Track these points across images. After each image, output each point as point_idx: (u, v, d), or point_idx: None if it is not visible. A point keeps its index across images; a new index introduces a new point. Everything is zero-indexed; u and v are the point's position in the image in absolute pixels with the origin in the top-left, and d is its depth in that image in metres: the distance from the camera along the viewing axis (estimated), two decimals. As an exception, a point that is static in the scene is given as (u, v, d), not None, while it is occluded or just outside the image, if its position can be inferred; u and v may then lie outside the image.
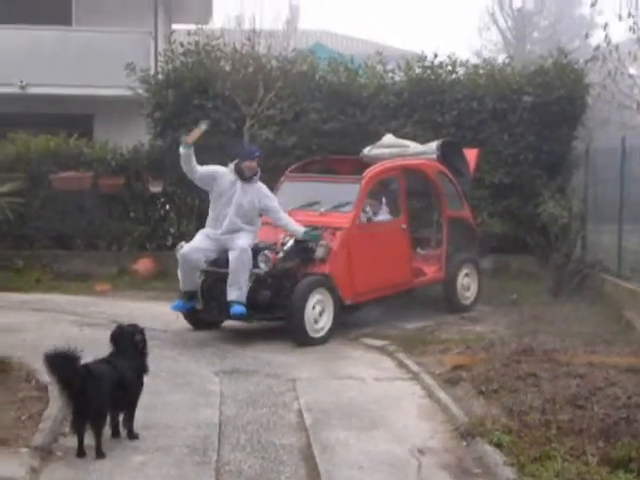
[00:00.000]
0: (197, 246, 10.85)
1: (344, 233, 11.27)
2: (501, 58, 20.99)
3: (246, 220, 10.93)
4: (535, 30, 47.80)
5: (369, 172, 11.91)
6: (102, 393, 6.66)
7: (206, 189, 11.22)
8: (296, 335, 10.63)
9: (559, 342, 10.20)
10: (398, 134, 15.07)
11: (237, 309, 10.44)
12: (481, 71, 16.49)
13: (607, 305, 12.46)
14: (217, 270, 10.76)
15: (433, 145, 13.17)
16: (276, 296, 10.80)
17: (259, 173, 11.10)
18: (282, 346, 10.50)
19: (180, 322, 11.17)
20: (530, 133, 15.76)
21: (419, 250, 13.10)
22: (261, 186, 11.13)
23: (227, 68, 15.87)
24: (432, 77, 16.25)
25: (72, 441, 6.82)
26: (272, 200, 11.13)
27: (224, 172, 11.02)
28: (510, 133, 15.87)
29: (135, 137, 16.81)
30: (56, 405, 7.54)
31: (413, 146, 13.39)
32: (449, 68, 16.36)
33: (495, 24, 47.26)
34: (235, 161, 11.01)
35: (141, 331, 7.21)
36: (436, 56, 16.39)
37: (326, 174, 13.08)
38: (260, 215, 11.13)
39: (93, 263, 15.69)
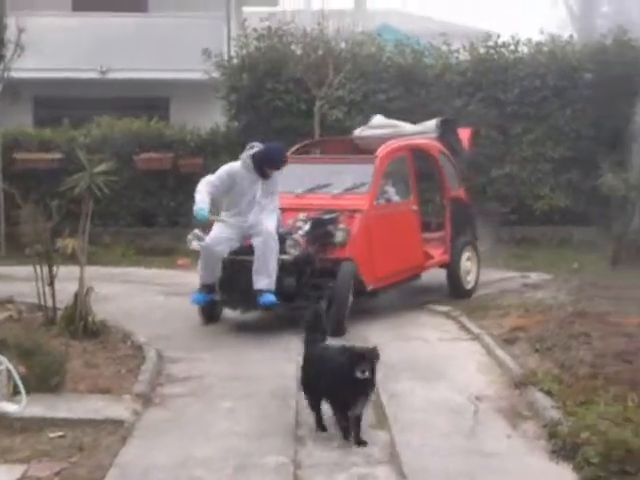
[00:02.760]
0: (220, 236, 10.12)
1: (363, 215, 10.69)
2: (567, 34, 21.44)
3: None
4: (605, 4, 47.50)
5: (382, 151, 11.32)
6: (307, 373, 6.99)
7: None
8: (337, 325, 9.75)
9: (613, 306, 10.78)
10: (462, 112, 15.83)
11: (268, 298, 9.79)
12: (545, 49, 17.03)
13: (662, 273, 13.00)
14: (244, 258, 10.03)
15: (432, 124, 12.72)
16: (298, 283, 10.17)
17: None
18: (352, 314, 10.51)
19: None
20: (590, 109, 16.32)
21: None
22: (276, 176, 10.41)
23: (298, 52, 16.63)
24: (495, 56, 16.87)
25: (168, 389, 7.85)
26: (276, 194, 10.47)
27: (241, 173, 10.21)
28: (571, 109, 16.45)
29: (209, 119, 17.69)
30: (151, 361, 8.51)
31: (405, 126, 13.02)
32: (512, 47, 16.96)
33: (562, -2, 47.04)
34: (251, 153, 10.23)
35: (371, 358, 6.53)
36: (499, 36, 17.02)
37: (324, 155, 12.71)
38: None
39: (174, 239, 16.39)
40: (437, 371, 8.59)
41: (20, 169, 16.40)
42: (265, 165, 10.16)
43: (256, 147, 10.25)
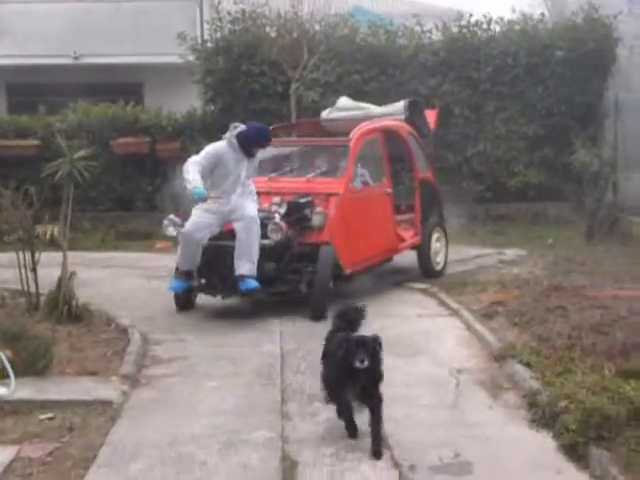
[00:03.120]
0: (200, 221, 9.89)
1: (340, 199, 10.52)
2: (539, 11, 21.61)
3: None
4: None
5: (355, 133, 11.09)
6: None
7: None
8: (318, 309, 9.75)
9: (588, 279, 11.00)
10: (436, 91, 15.99)
11: (250, 284, 9.68)
12: (517, 27, 17.19)
13: (636, 246, 13.25)
14: (226, 243, 9.89)
15: (400, 105, 12.50)
16: (278, 268, 10.09)
17: None
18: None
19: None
20: (563, 86, 16.55)
21: None
22: (258, 157, 10.41)
23: (272, 34, 16.72)
24: (468, 35, 17.01)
25: (154, 370, 7.99)
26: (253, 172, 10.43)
27: (227, 152, 10.02)
28: (544, 87, 16.65)
29: (185, 103, 17.71)
30: (136, 343, 8.62)
31: (372, 108, 12.89)
32: (484, 26, 17.11)
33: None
34: (235, 132, 10.07)
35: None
36: (471, 15, 17.17)
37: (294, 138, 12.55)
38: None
39: (152, 223, 16.42)
40: (418, 346, 8.76)
41: (-4, 156, 16.39)
42: (250, 144, 10.05)
43: (239, 127, 10.19)
